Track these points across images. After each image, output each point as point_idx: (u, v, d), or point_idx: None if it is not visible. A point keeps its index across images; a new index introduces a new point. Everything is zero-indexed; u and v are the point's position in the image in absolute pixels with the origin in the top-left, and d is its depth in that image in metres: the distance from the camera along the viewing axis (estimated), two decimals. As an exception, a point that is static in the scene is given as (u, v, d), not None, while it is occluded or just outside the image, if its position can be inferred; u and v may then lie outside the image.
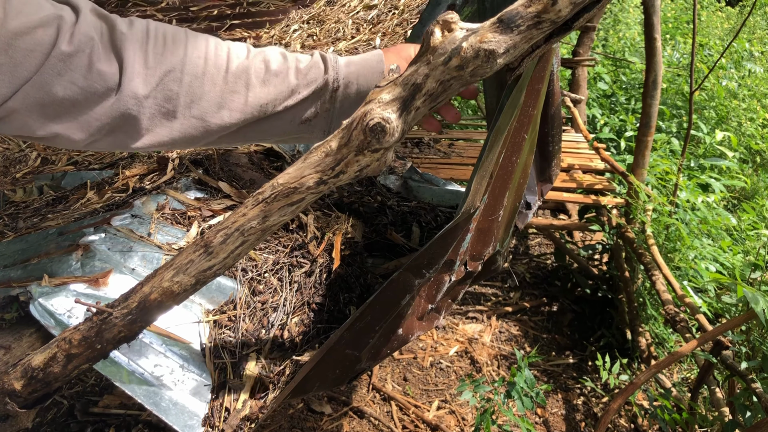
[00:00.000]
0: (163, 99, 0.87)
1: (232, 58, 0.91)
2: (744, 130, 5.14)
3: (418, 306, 1.36)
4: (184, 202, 1.68)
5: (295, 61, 0.96)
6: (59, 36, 0.78)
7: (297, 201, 0.86)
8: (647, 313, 2.95)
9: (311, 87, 0.96)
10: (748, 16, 2.99)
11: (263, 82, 0.93)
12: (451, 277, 1.36)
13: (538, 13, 0.74)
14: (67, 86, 0.79)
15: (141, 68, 0.84)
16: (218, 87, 0.90)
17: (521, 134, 1.27)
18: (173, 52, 0.87)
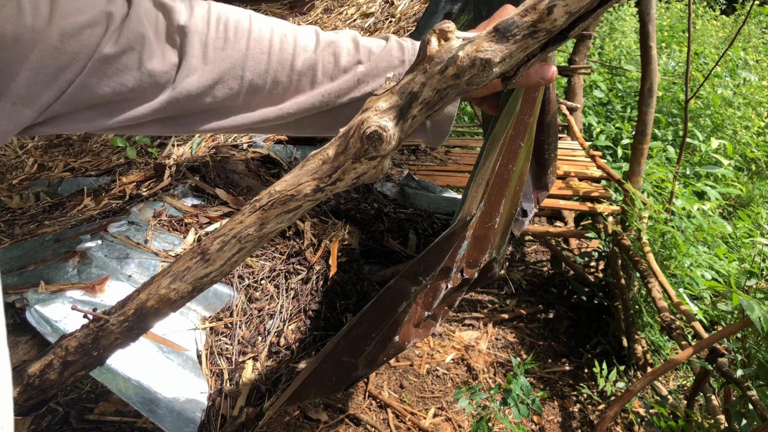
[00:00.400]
0: (222, 97, 0.83)
1: (298, 52, 0.85)
2: (739, 138, 5.16)
3: (415, 313, 1.37)
4: (181, 209, 1.68)
5: (367, 51, 0.89)
6: (105, 35, 0.73)
7: (294, 208, 0.86)
8: (643, 321, 2.95)
9: (380, 80, 0.89)
10: (743, 25, 3.01)
11: (331, 77, 0.88)
12: (448, 284, 1.36)
13: (534, 23, 0.74)
14: (115, 86, 0.75)
15: (199, 63, 0.80)
16: (281, 85, 0.85)
17: (517, 142, 1.28)
18: (234, 46, 0.82)
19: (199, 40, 0.80)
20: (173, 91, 0.79)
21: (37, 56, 0.69)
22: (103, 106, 0.78)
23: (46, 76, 0.70)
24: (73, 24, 0.70)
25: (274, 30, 0.85)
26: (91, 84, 0.74)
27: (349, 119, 0.90)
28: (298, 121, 0.91)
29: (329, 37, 0.88)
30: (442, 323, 1.44)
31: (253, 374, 1.79)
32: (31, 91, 0.70)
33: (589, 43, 4.83)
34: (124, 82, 0.76)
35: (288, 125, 0.91)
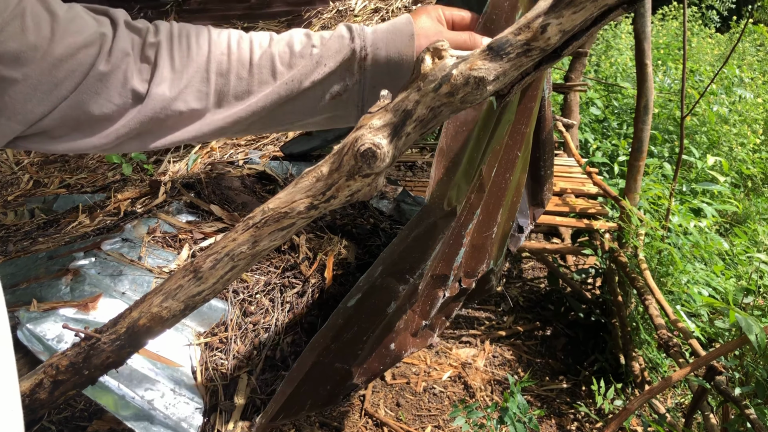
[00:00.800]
0: (192, 99, 0.87)
1: (254, 49, 0.90)
2: (735, 155, 5.18)
3: (412, 321, 1.36)
4: (176, 225, 1.67)
5: (319, 37, 0.93)
6: (99, 55, 0.78)
7: (287, 226, 0.86)
8: (640, 338, 2.94)
9: (337, 57, 0.92)
10: (737, 43, 3.02)
11: (289, 65, 0.91)
12: (445, 292, 1.36)
13: (528, 41, 0.74)
14: (103, 104, 0.80)
15: (168, 73, 0.84)
16: (244, 81, 0.89)
17: (514, 151, 1.28)
18: (198, 53, 0.87)
19: (167, 53, 0.85)
20: (148, 101, 0.83)
21: (36, 73, 0.73)
22: (88, 125, 0.81)
23: (42, 92, 0.74)
24: (72, 44, 0.75)
25: (231, 35, 0.91)
26: (83, 101, 0.78)
27: (317, 102, 0.94)
28: (271, 115, 0.93)
29: (282, 34, 0.94)
30: (440, 334, 1.43)
31: (248, 389, 1.78)
32: (26, 107, 0.74)
33: (585, 60, 4.86)
34: (111, 99, 0.80)
35: (263, 121, 0.93)
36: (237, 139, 2.48)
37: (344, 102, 0.95)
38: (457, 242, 1.29)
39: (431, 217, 1.05)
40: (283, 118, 0.95)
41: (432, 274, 1.29)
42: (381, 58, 0.93)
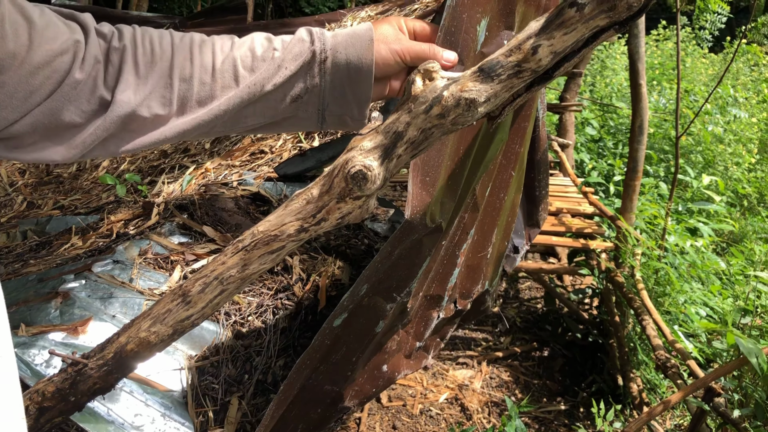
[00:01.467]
0: (156, 105, 0.86)
1: (217, 54, 0.90)
2: (731, 174, 5.19)
3: (405, 343, 1.34)
4: (168, 247, 1.66)
5: (280, 41, 0.94)
6: (74, 62, 0.78)
7: (277, 249, 0.85)
8: (638, 359, 2.92)
9: (298, 61, 0.92)
10: (731, 63, 3.04)
11: (251, 69, 0.91)
12: (440, 313, 1.34)
13: (519, 63, 0.74)
14: (74, 111, 0.79)
15: (133, 79, 0.84)
16: (207, 86, 0.89)
17: (508, 171, 1.27)
18: (161, 58, 0.87)
19: (132, 58, 0.84)
20: (114, 107, 0.82)
21: (13, 81, 0.73)
22: (57, 133, 0.81)
23: (17, 100, 0.74)
24: (48, 51, 0.75)
25: (194, 39, 0.91)
26: (56, 108, 0.78)
27: (278, 104, 0.94)
28: (233, 118, 0.94)
29: (243, 38, 0.95)
30: (434, 356, 1.41)
31: (239, 413, 1.75)
32: (1, 114, 0.74)
33: (579, 80, 4.88)
34: (80, 106, 0.80)
35: (225, 124, 0.94)
36: (232, 160, 2.48)
37: (305, 104, 0.96)
38: (452, 262, 1.28)
39: (415, 233, 1.03)
40: (245, 120, 0.95)
41: (426, 295, 1.28)
42: (341, 61, 0.94)
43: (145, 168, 2.77)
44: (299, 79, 0.93)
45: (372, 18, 3.19)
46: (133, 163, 2.88)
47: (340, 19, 3.46)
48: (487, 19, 1.02)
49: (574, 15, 0.72)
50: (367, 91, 0.96)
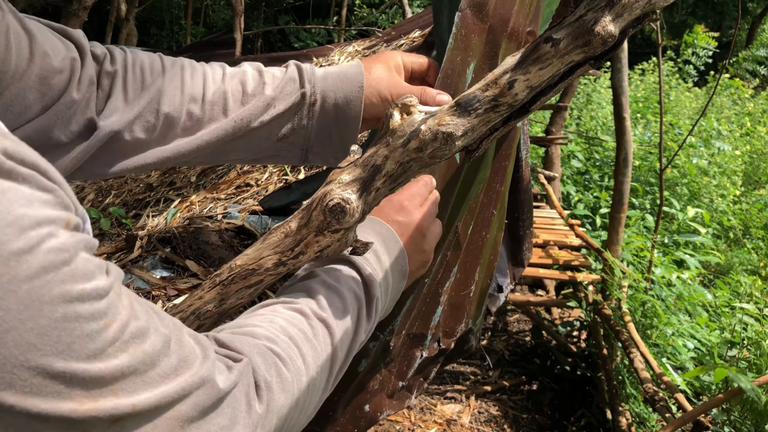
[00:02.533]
0: (140, 131, 0.85)
1: (208, 85, 0.89)
2: (716, 207, 5.23)
3: (388, 382, 1.32)
4: (150, 281, 1.64)
5: (271, 77, 0.93)
6: (71, 81, 0.76)
7: (255, 283, 0.84)
8: (627, 392, 2.90)
9: (287, 101, 0.92)
10: (713, 96, 3.09)
11: (241, 103, 0.90)
12: (423, 352, 1.32)
13: (495, 97, 0.74)
14: (63, 130, 0.77)
15: (121, 104, 0.83)
16: (195, 116, 0.88)
17: (490, 209, 1.27)
18: (151, 85, 0.85)
19: (122, 82, 0.83)
20: (98, 132, 0.81)
21: (13, 93, 0.71)
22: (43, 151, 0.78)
23: (13, 114, 0.72)
24: (48, 67, 0.73)
25: (185, 68, 0.89)
26: (48, 126, 0.76)
27: (262, 142, 0.93)
28: (214, 152, 0.93)
29: (235, 69, 0.93)
30: (418, 396, 1.39)
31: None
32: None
33: (565, 114, 4.94)
34: (70, 127, 0.78)
35: (206, 156, 0.93)
36: (217, 193, 2.47)
37: (290, 144, 0.96)
38: (435, 301, 1.27)
39: None
40: (227, 155, 0.94)
41: (409, 333, 1.26)
42: (329, 106, 0.94)
43: (130, 201, 2.75)
44: (287, 119, 0.93)
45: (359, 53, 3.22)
46: (119, 197, 2.87)
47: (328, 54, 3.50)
48: (475, 61, 1.04)
49: (549, 50, 0.73)
50: (353, 135, 0.96)
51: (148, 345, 0.49)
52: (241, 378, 0.59)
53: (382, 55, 0.99)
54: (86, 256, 0.45)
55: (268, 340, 0.67)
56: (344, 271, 0.82)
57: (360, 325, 0.80)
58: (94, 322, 0.44)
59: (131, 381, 0.47)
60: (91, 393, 0.44)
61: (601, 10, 0.71)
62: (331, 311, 0.76)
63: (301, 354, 0.69)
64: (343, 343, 0.76)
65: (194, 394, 0.52)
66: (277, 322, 0.71)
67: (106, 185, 3.11)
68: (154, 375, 0.49)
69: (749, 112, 8.40)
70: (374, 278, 0.82)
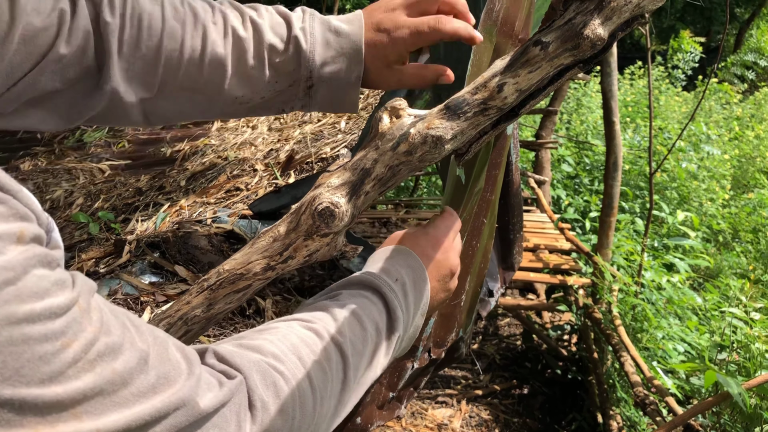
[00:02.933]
0: (140, 88, 0.83)
1: (207, 45, 0.85)
2: (705, 210, 5.26)
3: (379, 393, 1.31)
4: (138, 287, 1.62)
5: (269, 53, 0.88)
6: (58, 36, 0.73)
7: (243, 288, 0.83)
8: (617, 396, 2.90)
9: (284, 84, 0.90)
10: (701, 100, 3.11)
11: (239, 75, 0.88)
12: (414, 363, 1.32)
13: (485, 100, 0.74)
14: (58, 82, 0.75)
15: (117, 59, 0.79)
16: (192, 77, 0.85)
17: (480, 218, 1.27)
18: (148, 40, 0.81)
19: (119, 35, 0.79)
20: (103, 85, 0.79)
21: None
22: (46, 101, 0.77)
23: (0, 77, 0.70)
24: (32, 26, 0.70)
25: (186, 24, 0.84)
26: (40, 81, 0.73)
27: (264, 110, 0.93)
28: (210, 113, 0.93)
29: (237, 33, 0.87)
30: (407, 406, 1.39)
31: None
32: None
33: (555, 118, 4.96)
34: (67, 75, 0.75)
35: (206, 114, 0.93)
36: (206, 197, 2.46)
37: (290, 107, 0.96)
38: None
39: None
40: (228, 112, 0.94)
41: (400, 346, 1.27)
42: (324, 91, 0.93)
43: (119, 206, 2.74)
44: (282, 97, 0.93)
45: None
46: (108, 201, 2.85)
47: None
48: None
49: (538, 53, 0.73)
50: (353, 104, 0.95)
51: (119, 363, 0.46)
52: (233, 396, 0.56)
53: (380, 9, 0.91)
54: (40, 272, 0.42)
55: (274, 358, 0.64)
56: (370, 299, 0.79)
57: (376, 359, 0.77)
58: (48, 344, 0.41)
59: (98, 402, 0.44)
60: (47, 419, 0.41)
61: (590, 13, 0.71)
62: (350, 338, 0.73)
63: (309, 377, 0.66)
64: (356, 372, 0.73)
65: (172, 415, 0.49)
66: (289, 340, 0.69)
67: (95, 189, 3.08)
68: (126, 395, 0.46)
69: (738, 117, 8.46)
70: (399, 315, 0.79)
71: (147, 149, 3.49)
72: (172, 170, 2.91)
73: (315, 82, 0.91)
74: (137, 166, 3.30)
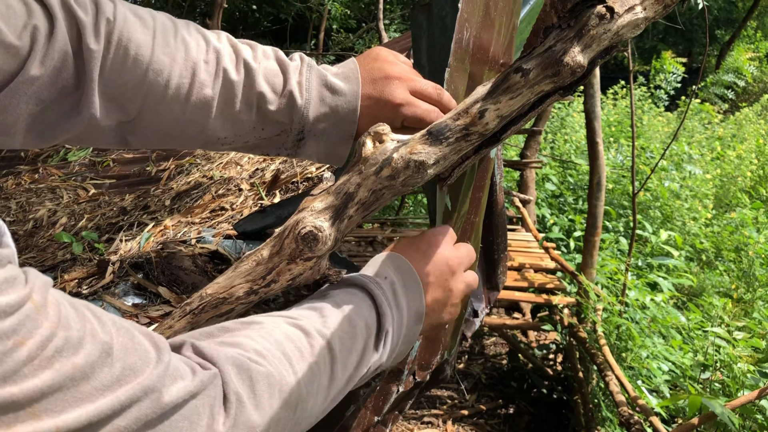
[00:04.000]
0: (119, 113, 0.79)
1: (194, 85, 0.81)
2: (688, 230, 5.31)
3: (364, 418, 1.31)
4: (121, 309, 1.61)
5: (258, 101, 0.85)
6: (30, 57, 0.68)
7: (226, 312, 0.83)
8: (602, 415, 2.90)
9: (272, 134, 0.88)
10: (683, 120, 3.15)
11: (224, 118, 0.85)
12: (399, 387, 1.32)
13: (466, 126, 0.75)
14: (32, 103, 0.70)
15: (98, 85, 0.75)
16: (174, 114, 0.82)
17: (464, 240, 1.28)
18: (133, 70, 0.77)
19: (102, 61, 0.75)
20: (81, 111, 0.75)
21: None
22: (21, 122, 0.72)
23: None
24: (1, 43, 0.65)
25: (177, 54, 0.80)
26: (12, 102, 0.68)
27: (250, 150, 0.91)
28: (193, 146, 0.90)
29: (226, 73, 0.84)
30: (392, 429, 1.38)
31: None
32: None
33: (539, 138, 5.00)
34: (41, 96, 0.71)
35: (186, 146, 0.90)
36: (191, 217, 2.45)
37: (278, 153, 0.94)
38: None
39: None
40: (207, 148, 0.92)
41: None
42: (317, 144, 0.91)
43: (103, 225, 2.72)
44: (268, 145, 0.91)
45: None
46: (92, 221, 2.83)
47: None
48: None
49: (519, 80, 0.74)
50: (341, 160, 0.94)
51: (80, 357, 0.45)
52: (205, 388, 0.55)
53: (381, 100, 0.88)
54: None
55: (256, 353, 0.63)
56: (358, 296, 0.78)
57: (366, 355, 0.76)
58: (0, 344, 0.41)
59: (57, 399, 0.43)
60: (3, 420, 0.41)
61: (570, 41, 0.72)
62: (338, 333, 0.72)
63: (294, 373, 0.65)
64: (345, 368, 0.72)
65: (135, 406, 0.48)
66: (273, 336, 0.68)
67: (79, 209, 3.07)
68: (88, 389, 0.45)
69: (719, 137, 8.58)
70: (386, 311, 0.78)
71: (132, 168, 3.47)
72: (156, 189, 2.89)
73: (306, 136, 0.89)
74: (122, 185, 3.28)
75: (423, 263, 0.84)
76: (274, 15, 12.57)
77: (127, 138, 0.85)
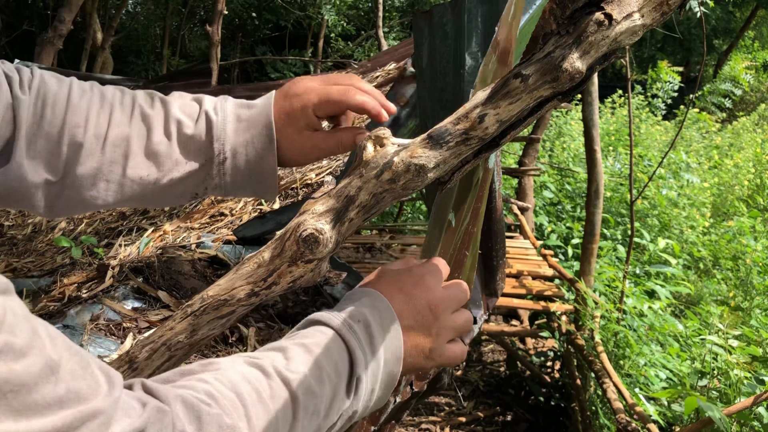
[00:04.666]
0: (44, 168, 0.80)
1: (112, 125, 0.83)
2: (686, 238, 5.32)
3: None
4: (121, 312, 1.61)
5: (177, 128, 0.86)
6: None
7: (227, 314, 0.83)
8: (600, 423, 2.90)
9: (196, 162, 0.87)
10: (681, 129, 3.17)
11: (145, 153, 0.85)
12: (397, 398, 1.32)
13: (466, 131, 0.76)
14: None
15: (23, 140, 0.77)
16: (96, 158, 0.82)
17: (463, 251, 1.28)
18: (52, 118, 0.80)
19: (27, 114, 0.78)
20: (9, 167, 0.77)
21: None
22: None
23: None
24: None
25: (92, 101, 0.84)
26: None
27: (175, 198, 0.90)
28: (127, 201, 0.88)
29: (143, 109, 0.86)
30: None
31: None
32: None
33: (537, 146, 5.02)
34: None
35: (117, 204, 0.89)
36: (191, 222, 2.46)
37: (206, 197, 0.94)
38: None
39: None
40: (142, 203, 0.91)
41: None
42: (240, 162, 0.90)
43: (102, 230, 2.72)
44: (197, 177, 0.89)
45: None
46: (91, 225, 2.84)
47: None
48: None
49: (518, 85, 0.75)
50: (272, 184, 0.92)
51: (20, 365, 0.41)
52: (153, 424, 0.52)
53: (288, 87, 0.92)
54: None
55: (206, 394, 0.60)
56: (329, 337, 0.73)
57: (336, 401, 0.71)
58: None
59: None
60: None
61: (569, 47, 0.73)
62: (301, 376, 0.67)
63: (247, 414, 0.61)
64: (309, 413, 0.67)
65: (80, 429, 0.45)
66: (227, 377, 0.64)
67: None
68: (28, 402, 0.42)
69: (717, 146, 8.61)
70: (359, 355, 0.73)
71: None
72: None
73: (228, 156, 0.88)
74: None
75: (404, 305, 0.80)
76: (274, 22, 12.60)
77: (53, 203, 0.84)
